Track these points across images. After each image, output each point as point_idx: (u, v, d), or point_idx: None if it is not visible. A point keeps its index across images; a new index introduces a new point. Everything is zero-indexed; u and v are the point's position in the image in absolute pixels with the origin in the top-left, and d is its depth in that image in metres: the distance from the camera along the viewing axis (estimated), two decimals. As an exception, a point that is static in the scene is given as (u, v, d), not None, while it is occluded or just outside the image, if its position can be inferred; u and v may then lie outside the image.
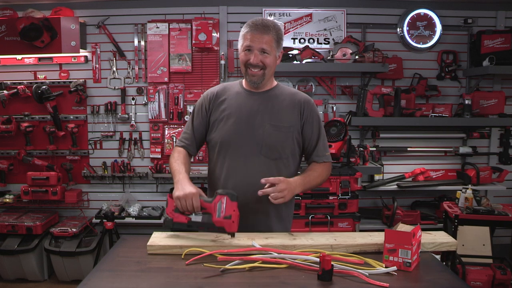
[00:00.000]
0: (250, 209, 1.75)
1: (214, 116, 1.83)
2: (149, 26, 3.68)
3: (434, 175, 3.82)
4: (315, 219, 3.18)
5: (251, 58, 1.74)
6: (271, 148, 1.76)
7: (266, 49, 1.73)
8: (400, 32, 3.76)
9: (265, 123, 1.77)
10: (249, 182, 1.73)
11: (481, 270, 3.04)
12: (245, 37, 1.76)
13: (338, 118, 3.41)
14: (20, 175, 3.76)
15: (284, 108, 1.81)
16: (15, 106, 3.75)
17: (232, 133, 1.77)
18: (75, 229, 3.49)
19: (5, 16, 3.57)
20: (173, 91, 3.73)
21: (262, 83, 1.81)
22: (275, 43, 1.76)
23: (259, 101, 1.82)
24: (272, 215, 1.81)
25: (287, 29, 3.74)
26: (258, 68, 1.76)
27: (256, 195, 1.66)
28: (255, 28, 1.74)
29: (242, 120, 1.78)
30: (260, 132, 1.76)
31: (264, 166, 1.75)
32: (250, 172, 1.75)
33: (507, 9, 3.75)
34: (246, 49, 1.75)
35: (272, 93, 1.85)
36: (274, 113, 1.79)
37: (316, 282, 1.29)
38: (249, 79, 1.79)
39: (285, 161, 1.80)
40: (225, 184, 1.76)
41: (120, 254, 1.51)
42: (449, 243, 1.57)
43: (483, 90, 3.77)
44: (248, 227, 1.73)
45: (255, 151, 1.76)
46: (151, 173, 3.75)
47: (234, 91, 1.86)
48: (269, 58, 1.76)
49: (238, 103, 1.82)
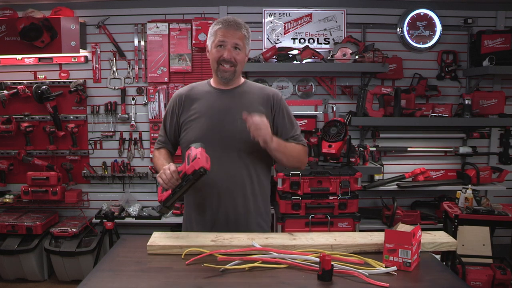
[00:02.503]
0: (229, 204, 1.79)
1: (184, 117, 1.85)
2: (149, 26, 3.68)
3: (434, 175, 3.82)
4: (315, 219, 3.18)
5: (224, 53, 1.76)
6: (245, 143, 1.77)
7: (239, 44, 1.77)
8: (400, 32, 3.76)
9: (237, 119, 1.78)
10: (227, 177, 1.76)
11: (481, 270, 3.04)
12: (217, 33, 1.79)
13: (338, 118, 3.41)
14: (20, 175, 3.76)
15: (254, 102, 1.84)
16: (15, 106, 3.75)
17: (205, 132, 1.79)
18: (75, 229, 3.50)
19: (5, 16, 3.57)
20: (173, 91, 3.73)
21: (232, 80, 1.84)
22: (246, 40, 1.81)
23: (229, 98, 1.84)
24: (252, 209, 1.83)
25: (287, 29, 3.74)
26: (230, 64, 1.78)
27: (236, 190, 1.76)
28: (228, 24, 1.77)
29: (215, 118, 1.80)
30: (234, 128, 1.78)
31: (239, 161, 1.78)
32: (227, 168, 1.77)
33: (507, 9, 3.75)
34: (218, 45, 1.78)
35: (241, 90, 1.88)
36: (245, 108, 1.79)
37: (316, 282, 1.29)
38: (221, 75, 1.81)
39: (259, 154, 1.80)
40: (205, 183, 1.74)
41: (120, 254, 1.51)
42: (449, 243, 1.56)
43: (483, 90, 3.77)
44: (229, 222, 1.78)
45: (231, 147, 1.78)
46: (151, 173, 3.76)
47: (204, 91, 1.88)
48: (241, 55, 1.79)
49: (209, 102, 1.84)
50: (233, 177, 1.76)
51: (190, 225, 1.87)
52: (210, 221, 1.81)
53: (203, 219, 1.82)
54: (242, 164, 1.78)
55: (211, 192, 1.78)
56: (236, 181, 1.77)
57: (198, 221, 1.84)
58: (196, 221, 1.84)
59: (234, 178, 1.76)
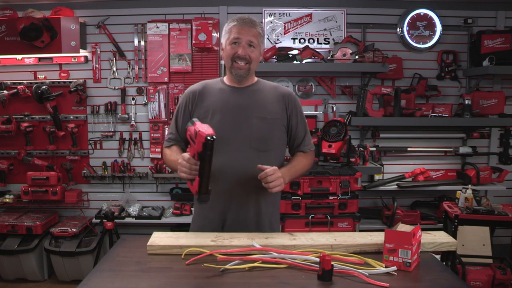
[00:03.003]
0: (242, 202, 1.78)
1: (197, 114, 1.82)
2: (149, 26, 3.68)
3: (434, 175, 3.82)
4: (315, 219, 3.18)
5: (238, 50, 1.76)
6: (260, 141, 1.78)
7: (253, 42, 1.77)
8: (400, 32, 3.76)
9: (252, 117, 1.78)
10: (240, 175, 1.75)
11: (481, 270, 3.04)
12: (231, 30, 1.78)
13: (338, 118, 3.41)
14: (20, 175, 3.76)
15: (268, 101, 1.84)
16: (15, 106, 3.75)
17: (220, 129, 1.75)
18: (75, 229, 3.50)
19: (5, 16, 3.57)
20: (173, 91, 3.73)
21: (246, 78, 1.83)
22: (260, 38, 1.81)
23: (243, 96, 1.84)
24: (263, 207, 1.82)
25: (287, 29, 3.74)
26: (244, 61, 1.77)
27: (248, 188, 1.74)
28: (243, 21, 1.77)
29: (228, 115, 1.79)
30: (248, 126, 1.78)
31: (254, 159, 1.76)
32: (241, 166, 1.76)
33: (507, 9, 3.75)
34: (233, 42, 1.77)
35: (255, 88, 1.87)
36: (259, 107, 1.81)
37: (316, 282, 1.29)
38: (235, 72, 1.80)
39: (274, 152, 1.83)
40: (217, 180, 1.74)
41: (120, 254, 1.51)
42: (449, 243, 1.56)
43: (483, 90, 3.77)
44: (240, 221, 1.77)
45: (244, 145, 1.77)
46: (151, 173, 3.75)
47: (217, 88, 1.87)
48: (255, 53, 1.79)
49: (223, 99, 1.83)
50: (245, 176, 1.75)
51: (200, 223, 1.85)
52: (220, 220, 1.80)
53: (213, 218, 1.81)
54: (257, 162, 1.75)
55: (222, 190, 1.76)
56: (248, 180, 1.75)
57: (209, 220, 1.82)
58: (207, 220, 1.82)
59: (246, 177, 1.75)
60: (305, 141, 1.92)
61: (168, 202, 3.82)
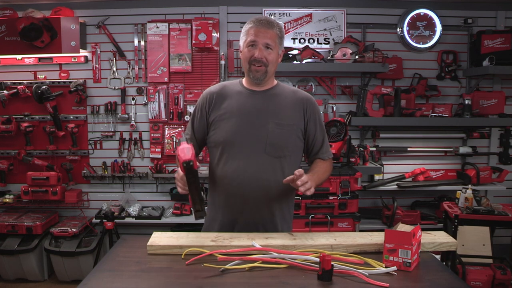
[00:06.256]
0: (257, 208, 1.75)
1: (214, 116, 1.80)
2: (149, 26, 3.68)
3: (434, 175, 3.82)
4: (315, 219, 3.18)
5: (255, 53, 1.73)
6: (275, 146, 1.75)
7: (270, 44, 1.73)
8: (400, 32, 3.76)
9: (269, 122, 1.76)
10: (254, 181, 1.73)
11: (481, 270, 3.04)
12: (248, 32, 1.75)
13: (338, 118, 3.41)
14: (20, 175, 3.76)
15: (286, 106, 1.81)
16: (15, 106, 3.75)
17: (236, 133, 1.75)
18: (75, 229, 3.49)
19: (5, 16, 3.56)
20: (173, 91, 3.73)
21: (264, 80, 1.80)
22: (278, 39, 1.77)
23: (261, 100, 1.80)
24: (277, 213, 1.80)
25: (287, 29, 3.74)
26: (261, 64, 1.74)
27: (262, 193, 1.72)
28: (260, 23, 1.74)
29: (245, 119, 1.76)
30: (264, 131, 1.75)
31: (268, 165, 1.74)
32: (255, 171, 1.73)
33: (507, 9, 3.75)
34: (250, 45, 1.74)
35: (273, 92, 1.84)
36: (277, 112, 1.78)
37: (316, 282, 1.29)
38: (252, 75, 1.77)
39: (289, 158, 1.79)
40: (231, 184, 1.74)
41: (120, 254, 1.51)
42: (449, 243, 1.56)
43: (483, 90, 3.77)
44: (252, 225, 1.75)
45: (259, 150, 1.74)
46: (151, 173, 3.75)
47: (235, 90, 1.84)
48: (272, 55, 1.75)
49: (240, 102, 1.80)
50: (259, 180, 1.73)
51: (212, 225, 1.83)
52: (232, 223, 1.78)
53: (226, 221, 1.79)
54: (270, 168, 1.74)
55: (236, 194, 1.75)
56: (262, 184, 1.73)
57: (220, 222, 1.81)
58: (219, 222, 1.81)
59: (261, 181, 1.72)
60: (323, 148, 1.87)
61: (168, 202, 3.82)
